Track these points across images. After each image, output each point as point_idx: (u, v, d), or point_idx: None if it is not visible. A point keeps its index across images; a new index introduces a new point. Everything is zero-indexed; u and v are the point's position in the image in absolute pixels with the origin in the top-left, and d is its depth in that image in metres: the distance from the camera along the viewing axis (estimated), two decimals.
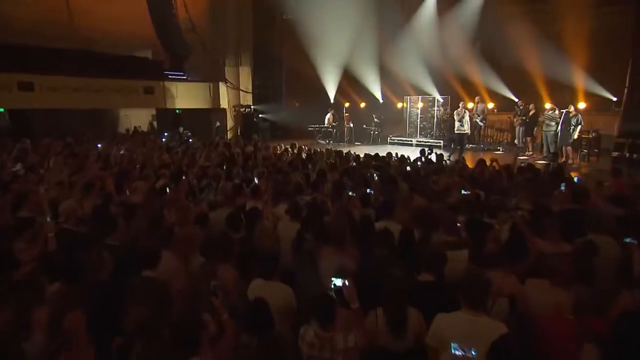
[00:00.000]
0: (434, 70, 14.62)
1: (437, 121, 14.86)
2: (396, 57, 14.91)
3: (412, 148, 14.33)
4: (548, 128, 11.49)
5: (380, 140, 15.52)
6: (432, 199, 6.13)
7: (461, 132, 11.57)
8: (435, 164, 8.94)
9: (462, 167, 8.60)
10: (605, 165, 10.89)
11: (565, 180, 7.53)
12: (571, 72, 12.67)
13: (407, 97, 15.35)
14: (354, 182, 7.09)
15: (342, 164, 8.99)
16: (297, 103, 17.84)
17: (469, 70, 14.49)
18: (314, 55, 15.34)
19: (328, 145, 14.68)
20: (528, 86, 13.71)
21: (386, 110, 16.45)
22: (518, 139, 13.15)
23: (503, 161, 11.39)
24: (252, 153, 9.98)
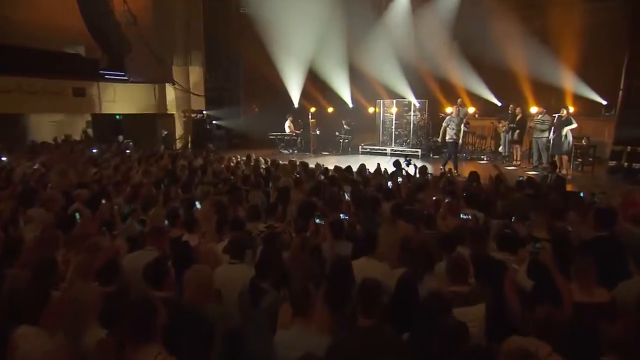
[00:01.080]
0: (410, 71, 14.00)
1: (413, 128, 14.12)
2: (367, 56, 14.24)
3: (387, 158, 13.53)
4: (540, 135, 10.88)
5: (351, 150, 14.66)
6: (422, 225, 5.15)
7: (454, 141, 10.62)
8: (418, 178, 8.00)
9: (451, 181, 7.70)
10: (602, 176, 10.38)
11: (571, 196, 6.80)
12: (558, 72, 12.23)
13: (380, 101, 14.57)
14: (323, 204, 6.02)
15: (308, 179, 7.90)
16: (256, 108, 16.72)
17: (447, 72, 13.94)
18: (275, 55, 14.36)
19: (292, 156, 13.66)
20: (512, 88, 13.29)
21: (357, 115, 15.66)
22: (503, 147, 12.53)
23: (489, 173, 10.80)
24: (201, 167, 8.74)
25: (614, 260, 4.24)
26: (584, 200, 6.05)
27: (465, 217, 5.11)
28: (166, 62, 14.43)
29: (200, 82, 15.11)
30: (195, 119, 14.91)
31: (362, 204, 6.16)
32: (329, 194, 6.59)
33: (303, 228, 5.08)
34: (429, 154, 13.59)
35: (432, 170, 10.78)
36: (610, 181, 9.79)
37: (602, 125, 12.36)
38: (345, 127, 14.68)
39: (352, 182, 7.67)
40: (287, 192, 6.50)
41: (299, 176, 8.51)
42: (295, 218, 5.79)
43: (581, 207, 5.83)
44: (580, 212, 5.78)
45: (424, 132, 14.35)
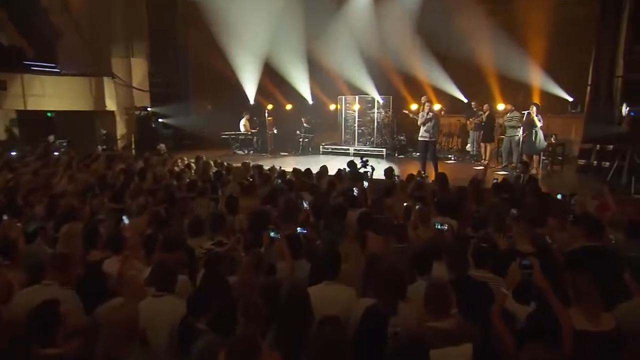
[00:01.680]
0: (372, 66, 13.56)
1: (377, 126, 13.71)
2: (327, 50, 13.73)
3: (350, 158, 13.00)
4: (512, 133, 10.67)
5: (311, 150, 14.10)
6: (392, 237, 4.64)
7: (425, 140, 10.00)
8: (385, 182, 7.51)
9: (421, 184, 7.27)
10: (571, 175, 10.30)
11: (548, 199, 6.50)
12: (525, 68, 12.11)
13: (341, 97, 14.07)
14: (279, 215, 5.41)
15: (262, 184, 7.26)
16: (209, 105, 15.86)
17: (412, 67, 13.55)
18: (227, 48, 13.59)
19: (247, 157, 12.99)
20: (478, 84, 13.10)
21: (317, 113, 15.16)
22: (471, 146, 12.33)
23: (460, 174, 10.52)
24: (140, 171, 7.90)
25: (608, 273, 3.88)
26: (562, 204, 5.73)
27: (440, 227, 4.63)
28: (103, 52, 13.32)
29: (144, 76, 14.09)
30: (139, 117, 13.89)
31: (324, 213, 5.60)
32: (285, 201, 5.99)
33: (254, 243, 4.46)
34: (394, 154, 13.25)
35: (398, 171, 10.42)
36: (580, 181, 9.70)
37: (569, 123, 12.44)
38: (305, 126, 14.11)
39: (312, 187, 7.10)
40: (235, 201, 5.84)
41: (252, 180, 7.87)
42: (244, 231, 5.17)
43: (560, 212, 5.54)
44: (559, 218, 5.50)
45: (388, 130, 13.99)
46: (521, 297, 3.33)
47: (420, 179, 7.72)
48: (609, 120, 9.71)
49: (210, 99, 15.34)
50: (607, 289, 3.28)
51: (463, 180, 8.63)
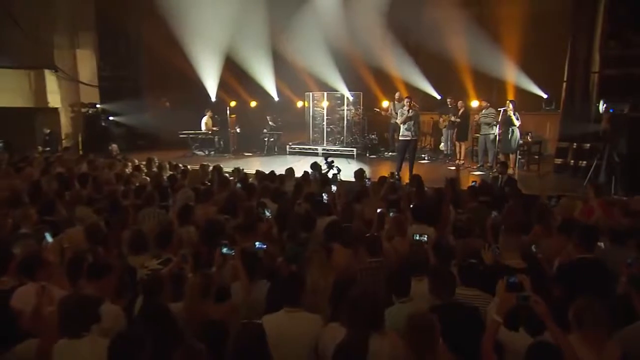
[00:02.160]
0: (341, 61, 13.14)
1: (347, 124, 13.33)
2: (293, 44, 13.27)
3: (319, 158, 12.56)
4: (486, 131, 10.47)
5: (277, 150, 13.60)
6: (365, 250, 4.22)
7: (406, 139, 9.66)
8: (355, 185, 7.09)
9: (394, 187, 6.88)
10: (548, 175, 10.19)
11: (530, 202, 6.24)
12: (500, 63, 11.94)
13: (309, 93, 13.60)
14: (237, 226, 4.91)
15: (221, 190, 6.70)
16: (166, 102, 15.11)
17: (383, 62, 13.24)
18: (185, 40, 12.88)
19: (207, 159, 12.40)
20: (452, 80, 12.94)
21: (284, 110, 14.66)
22: (445, 145, 12.10)
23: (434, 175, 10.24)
24: (80, 177, 7.19)
25: (605, 290, 3.58)
26: (546, 207, 5.45)
27: (419, 238, 4.23)
28: (44, 43, 12.36)
29: (92, 70, 13.20)
30: (87, 115, 13.01)
31: (289, 223, 5.12)
32: (245, 210, 5.48)
33: (205, 262, 3.93)
34: (365, 153, 12.90)
35: (370, 173, 10.07)
36: (558, 181, 9.59)
37: (543, 120, 12.40)
38: (271, 124, 13.59)
39: (275, 193, 6.59)
40: (189, 210, 5.28)
41: (210, 185, 7.30)
42: (196, 246, 4.63)
43: (545, 217, 5.27)
44: (544, 223, 5.22)
45: (359, 128, 13.64)
46: (510, 323, 2.95)
47: (393, 181, 7.33)
48: (585, 118, 9.61)
49: (167, 95, 14.61)
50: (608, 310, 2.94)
51: (437, 181, 8.37)
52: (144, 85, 14.21)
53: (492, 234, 4.91)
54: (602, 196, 6.23)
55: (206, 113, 13.26)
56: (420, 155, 12.32)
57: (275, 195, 6.49)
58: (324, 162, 8.77)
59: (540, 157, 10.86)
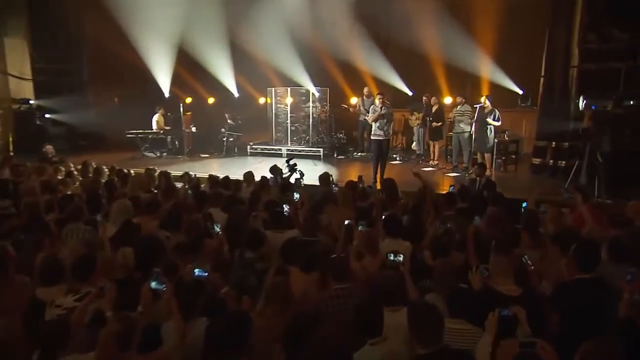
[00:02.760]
0: (306, 53, 12.67)
1: (313, 122, 12.77)
2: (254, 35, 12.68)
3: (282, 160, 11.94)
4: (461, 129, 10.13)
5: (238, 150, 12.92)
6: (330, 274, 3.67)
7: (379, 139, 9.17)
8: (320, 192, 6.52)
9: (365, 194, 6.36)
10: (526, 176, 9.92)
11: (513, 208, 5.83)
12: (474, 57, 11.71)
13: (271, 89, 12.99)
14: (177, 246, 4.27)
15: (166, 199, 6.00)
16: (115, 98, 14.16)
17: (351, 55, 12.84)
18: (133, 31, 12.11)
19: (158, 162, 11.56)
20: (423, 75, 12.63)
21: (245, 107, 13.99)
22: (418, 144, 11.70)
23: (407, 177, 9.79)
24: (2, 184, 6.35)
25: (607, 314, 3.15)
26: (535, 215, 5.03)
27: (394, 258, 3.69)
28: None
29: (23, 61, 12.12)
30: (18, 112, 11.94)
31: (241, 240, 4.50)
32: (188, 225, 4.83)
33: (129, 301, 3.27)
34: (332, 154, 12.37)
35: (337, 176, 9.54)
36: (536, 182, 9.29)
37: (519, 117, 12.25)
38: (230, 123, 12.89)
39: (229, 201, 5.96)
40: (128, 228, 4.59)
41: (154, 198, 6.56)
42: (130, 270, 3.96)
43: (534, 225, 4.87)
44: (532, 233, 4.81)
45: (325, 127, 13.08)
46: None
47: (363, 186, 6.81)
48: (564, 115, 9.38)
49: (115, 91, 13.66)
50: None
51: (411, 184, 7.92)
52: (87, 80, 13.25)
53: (474, 245, 4.47)
54: (590, 201, 5.90)
55: (157, 111, 12.42)
56: (391, 156, 11.89)
57: (228, 205, 5.87)
58: (286, 165, 8.17)
59: (517, 157, 10.60)
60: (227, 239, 4.70)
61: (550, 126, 9.60)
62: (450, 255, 4.36)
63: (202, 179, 7.98)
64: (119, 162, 10.75)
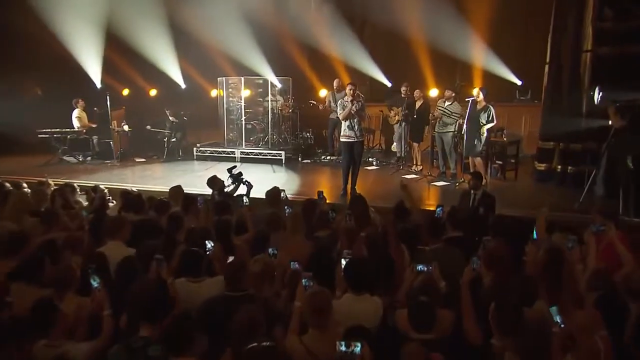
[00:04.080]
0: (266, 38, 11.54)
1: (274, 119, 11.49)
2: (201, 17, 11.57)
3: (238, 164, 10.68)
4: (443, 128, 8.98)
5: (182, 154, 11.57)
6: None
7: (349, 141, 7.94)
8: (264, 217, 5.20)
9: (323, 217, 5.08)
10: (530, 185, 8.80)
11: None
12: (463, 42, 10.76)
13: (222, 79, 11.67)
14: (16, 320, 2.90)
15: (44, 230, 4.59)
16: (38, 89, 12.73)
17: (320, 39, 11.85)
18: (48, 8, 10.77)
19: (80, 167, 10.41)
20: (405, 63, 11.85)
21: (194, 101, 12.75)
22: (399, 145, 10.50)
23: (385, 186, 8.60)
24: None
25: None
26: (555, 257, 3.81)
27: (346, 350, 2.41)
28: None
29: None
30: None
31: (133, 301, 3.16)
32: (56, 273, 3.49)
33: None
34: (297, 157, 11.11)
35: (299, 187, 8.27)
36: (541, 193, 8.15)
37: (518, 113, 11.43)
38: (172, 120, 11.50)
39: (137, 231, 4.63)
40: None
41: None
42: None
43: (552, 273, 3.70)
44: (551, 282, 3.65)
45: (289, 124, 11.85)
46: None
47: (328, 209, 5.52)
48: (574, 111, 8.27)
49: (32, 81, 12.17)
50: None
51: (389, 197, 7.09)
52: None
53: (470, 300, 3.38)
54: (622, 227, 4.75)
55: (77, 105, 10.94)
56: (367, 159, 10.71)
57: (135, 238, 4.54)
58: (228, 176, 6.89)
59: (517, 161, 9.46)
60: (110, 300, 3.35)
61: (558, 124, 8.48)
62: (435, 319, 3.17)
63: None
64: (25, 169, 9.39)
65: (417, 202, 5.88)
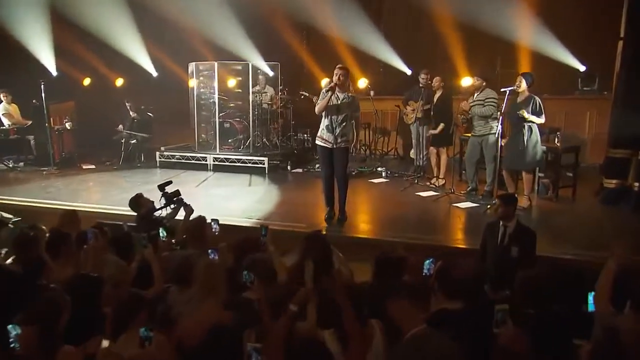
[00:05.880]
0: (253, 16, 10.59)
1: (259, 115, 10.13)
2: None
3: (210, 174, 9.49)
4: (482, 129, 7.38)
5: (144, 159, 10.42)
6: None
7: (325, 146, 6.52)
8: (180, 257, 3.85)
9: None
10: (592, 212, 7.15)
11: None
12: (506, 17, 9.58)
13: (192, 64, 10.44)
14: None
15: None
16: None
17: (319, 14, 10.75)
18: None
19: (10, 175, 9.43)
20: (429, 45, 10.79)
21: (169, 92, 11.58)
22: (416, 151, 8.91)
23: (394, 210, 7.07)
24: None
25: None
26: None
27: None
28: None
29: None
30: None
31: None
32: None
33: None
34: (285, 166, 9.69)
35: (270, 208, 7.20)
36: (611, 224, 6.56)
37: (579, 109, 10.31)
38: (133, 116, 10.36)
39: None
40: None
41: None
42: None
43: None
44: None
45: (279, 123, 10.54)
46: None
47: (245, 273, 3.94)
48: None
49: None
50: None
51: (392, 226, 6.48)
52: None
53: None
54: None
55: (1, 97, 9.84)
56: (376, 170, 9.31)
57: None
58: (161, 195, 5.66)
59: (575, 174, 7.72)
60: None
61: (635, 124, 6.90)
62: None
63: None
64: None
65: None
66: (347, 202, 6.61)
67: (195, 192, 7.92)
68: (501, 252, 4.70)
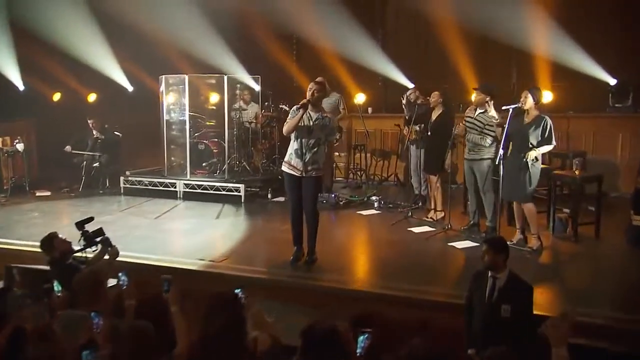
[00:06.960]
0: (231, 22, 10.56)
1: (236, 135, 9.65)
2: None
3: (179, 202, 8.99)
4: (477, 152, 6.67)
5: (109, 184, 9.98)
6: None
7: (293, 174, 5.94)
8: None
9: None
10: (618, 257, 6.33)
11: None
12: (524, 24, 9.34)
13: (162, 77, 10.03)
14: None
15: None
16: None
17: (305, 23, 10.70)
18: None
19: None
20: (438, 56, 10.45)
21: (142, 108, 11.43)
22: (416, 176, 8.37)
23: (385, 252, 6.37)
24: None
25: None
26: None
27: None
28: None
29: None
30: None
31: None
32: None
33: None
34: (266, 194, 9.07)
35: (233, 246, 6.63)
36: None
37: (609, 129, 9.51)
38: (96, 136, 9.93)
39: None
40: None
41: None
42: None
43: None
44: None
45: (264, 144, 10.10)
46: None
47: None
48: None
49: None
50: None
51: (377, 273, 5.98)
52: None
53: None
54: None
55: None
56: (368, 198, 8.61)
57: None
58: (81, 234, 5.09)
59: (599, 207, 6.90)
60: None
61: None
62: None
63: None
64: None
65: None
66: (323, 238, 5.98)
67: (151, 225, 7.40)
68: (489, 311, 3.98)
